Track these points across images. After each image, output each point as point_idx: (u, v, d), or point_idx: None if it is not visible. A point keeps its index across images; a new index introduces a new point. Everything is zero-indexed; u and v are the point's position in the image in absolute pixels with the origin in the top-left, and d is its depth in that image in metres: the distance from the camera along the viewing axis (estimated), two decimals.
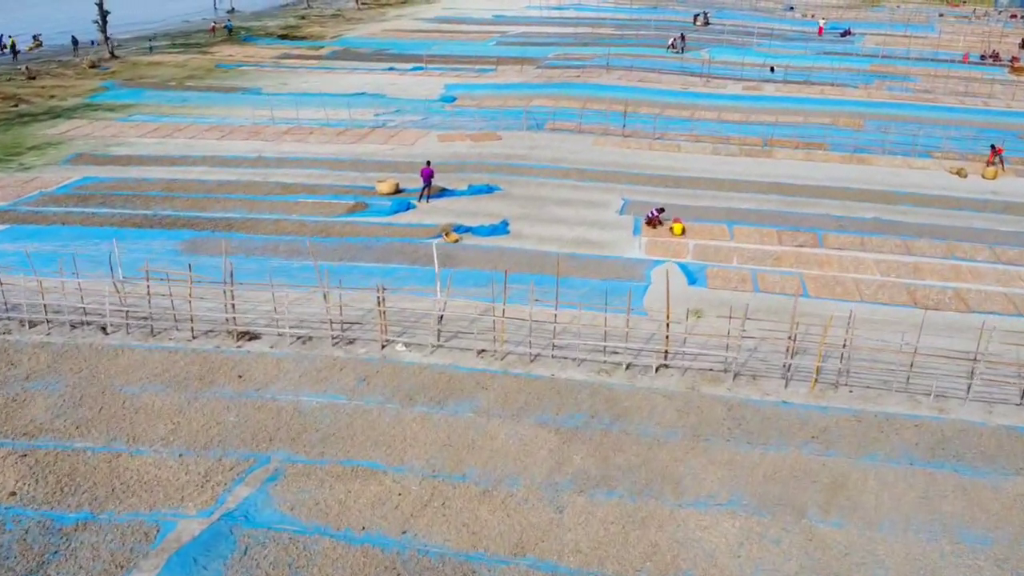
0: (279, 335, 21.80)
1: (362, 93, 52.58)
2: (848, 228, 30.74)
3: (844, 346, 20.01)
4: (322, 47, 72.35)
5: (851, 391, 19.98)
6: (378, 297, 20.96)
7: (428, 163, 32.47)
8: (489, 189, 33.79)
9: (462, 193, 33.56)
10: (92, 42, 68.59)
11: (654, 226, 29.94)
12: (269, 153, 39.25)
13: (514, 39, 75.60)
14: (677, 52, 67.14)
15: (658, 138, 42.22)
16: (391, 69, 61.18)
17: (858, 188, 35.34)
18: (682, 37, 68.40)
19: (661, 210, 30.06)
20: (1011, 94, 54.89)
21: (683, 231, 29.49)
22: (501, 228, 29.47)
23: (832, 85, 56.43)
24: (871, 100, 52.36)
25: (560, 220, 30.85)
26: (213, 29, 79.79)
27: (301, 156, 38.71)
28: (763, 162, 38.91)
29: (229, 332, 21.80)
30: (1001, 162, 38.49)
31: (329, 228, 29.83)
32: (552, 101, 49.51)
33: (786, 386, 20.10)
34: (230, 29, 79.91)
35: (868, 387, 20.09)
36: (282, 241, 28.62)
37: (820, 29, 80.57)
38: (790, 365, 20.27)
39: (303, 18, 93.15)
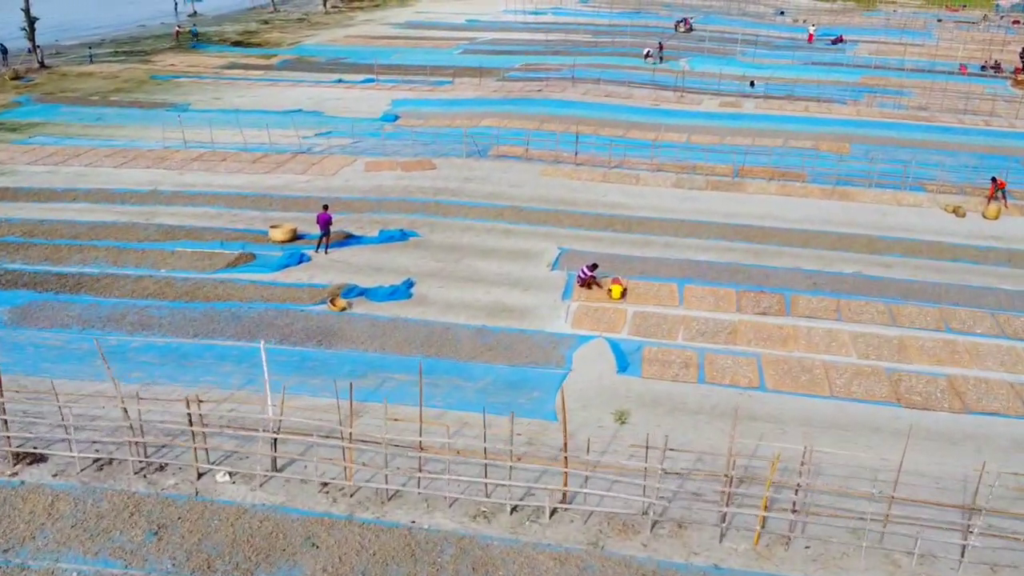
0: (72, 457, 16.81)
1: (298, 110, 47.55)
2: (823, 287, 25.75)
3: (796, 492, 15.04)
4: (275, 55, 67.36)
5: (807, 547, 15.03)
6: (189, 414, 15.99)
7: (325, 207, 27.47)
8: (403, 235, 28.79)
9: (371, 240, 28.55)
10: (29, 51, 63.57)
11: (588, 287, 24.96)
12: (167, 186, 34.25)
13: (482, 46, 70.61)
14: (654, 62, 62.11)
15: (615, 167, 37.24)
16: (339, 81, 56.20)
17: (838, 232, 30.33)
18: (660, 46, 63.39)
19: (594, 267, 25.05)
20: (1015, 112, 49.89)
21: (623, 293, 24.52)
22: (402, 291, 24.47)
23: (818, 101, 51.44)
24: (859, 119, 47.36)
25: (479, 278, 25.84)
26: (177, 34, 75.03)
27: (201, 190, 33.70)
28: (732, 197, 33.92)
29: (7, 452, 16.82)
30: (1004, 197, 33.57)
31: (197, 289, 24.80)
32: (504, 121, 44.52)
33: (721, 539, 15.13)
34: (195, 34, 75.29)
35: (830, 540, 15.12)
36: (135, 307, 23.64)
37: (810, 36, 75.58)
38: (726, 514, 15.28)
39: (266, 23, 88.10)
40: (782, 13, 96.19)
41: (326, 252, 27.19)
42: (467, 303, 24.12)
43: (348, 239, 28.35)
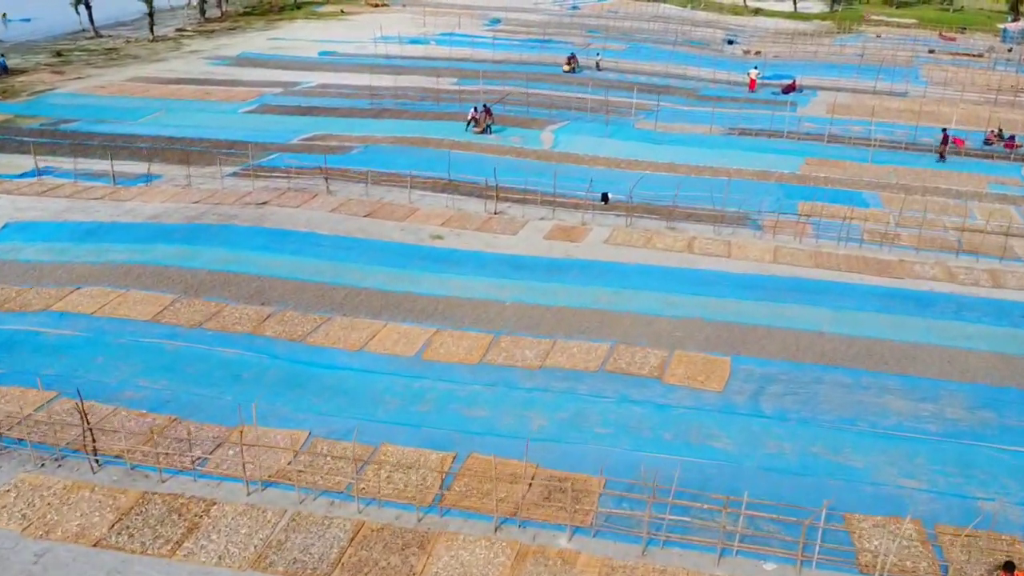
0: None
1: None
2: None
3: None
4: None
5: None
6: None
7: None
8: None
9: None
10: None
11: None
12: None
13: (285, 100, 50.25)
14: (484, 133, 42.22)
15: (194, 463, 17.06)
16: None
17: None
18: (487, 112, 43.04)
19: None
20: None
21: None
22: None
23: (715, 223, 31.26)
24: (772, 271, 27.22)
25: None
26: None
27: None
28: None
29: None
30: None
31: None
32: (111, 300, 24.21)
33: None
34: (5, 67, 56.81)
35: None
36: None
37: (752, 82, 55.27)
38: None
39: (59, 55, 67.67)
40: (731, 42, 75.93)
41: None
42: None
43: None
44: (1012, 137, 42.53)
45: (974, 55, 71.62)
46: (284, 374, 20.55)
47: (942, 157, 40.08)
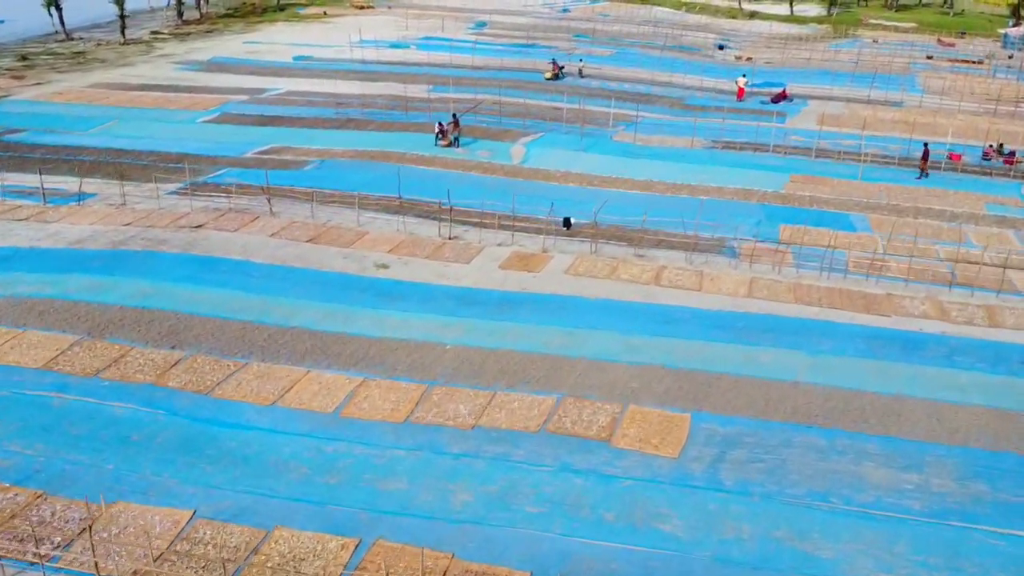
0: None
1: None
2: None
3: None
4: None
5: None
6: None
7: None
8: None
9: None
10: None
11: None
12: None
13: (249, 109, 47.66)
14: (452, 146, 39.89)
15: None
16: None
17: None
18: (455, 122, 40.71)
19: None
20: None
21: None
22: None
23: (689, 251, 28.72)
24: (746, 308, 24.69)
25: None
26: None
27: None
28: None
29: None
30: None
31: None
32: (11, 338, 21.86)
33: None
34: None
35: None
36: None
37: (740, 91, 52.79)
38: None
39: (24, 59, 65.43)
40: (722, 48, 73.44)
41: None
42: None
43: None
44: (1012, 152, 40.05)
45: (973, 61, 69.10)
46: (179, 435, 18.08)
47: (923, 173, 37.57)
